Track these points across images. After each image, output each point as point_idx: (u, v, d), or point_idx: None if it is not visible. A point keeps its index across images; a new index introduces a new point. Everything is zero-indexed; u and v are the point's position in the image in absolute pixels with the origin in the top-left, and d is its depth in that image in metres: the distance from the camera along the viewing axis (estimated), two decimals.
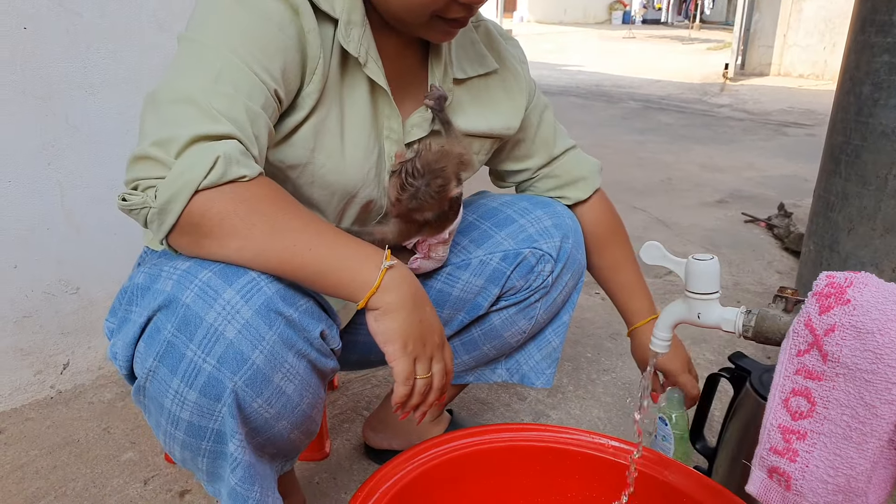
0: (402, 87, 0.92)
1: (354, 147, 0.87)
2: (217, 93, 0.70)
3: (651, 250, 0.73)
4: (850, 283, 0.65)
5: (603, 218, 1.17)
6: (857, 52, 1.40)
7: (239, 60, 0.72)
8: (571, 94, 7.41)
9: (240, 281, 0.70)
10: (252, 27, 0.74)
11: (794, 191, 3.42)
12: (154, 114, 0.71)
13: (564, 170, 1.14)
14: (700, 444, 1.20)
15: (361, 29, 0.83)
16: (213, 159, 0.66)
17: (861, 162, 1.38)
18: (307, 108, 0.81)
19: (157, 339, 0.70)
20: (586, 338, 1.84)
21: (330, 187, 0.87)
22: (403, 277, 0.75)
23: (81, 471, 1.25)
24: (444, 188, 0.86)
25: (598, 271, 1.19)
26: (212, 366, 0.69)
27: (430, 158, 0.85)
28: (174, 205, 0.67)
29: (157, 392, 0.73)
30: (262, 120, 0.74)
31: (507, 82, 1.04)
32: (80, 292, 1.49)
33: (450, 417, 1.31)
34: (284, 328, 0.72)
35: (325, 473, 1.26)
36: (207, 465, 0.77)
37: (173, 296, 0.70)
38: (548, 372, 1.20)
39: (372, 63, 0.84)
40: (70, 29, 1.36)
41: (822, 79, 8.46)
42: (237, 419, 0.72)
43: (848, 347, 0.63)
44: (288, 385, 0.74)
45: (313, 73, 0.80)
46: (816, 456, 0.65)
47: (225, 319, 0.69)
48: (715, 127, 5.51)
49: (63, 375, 1.51)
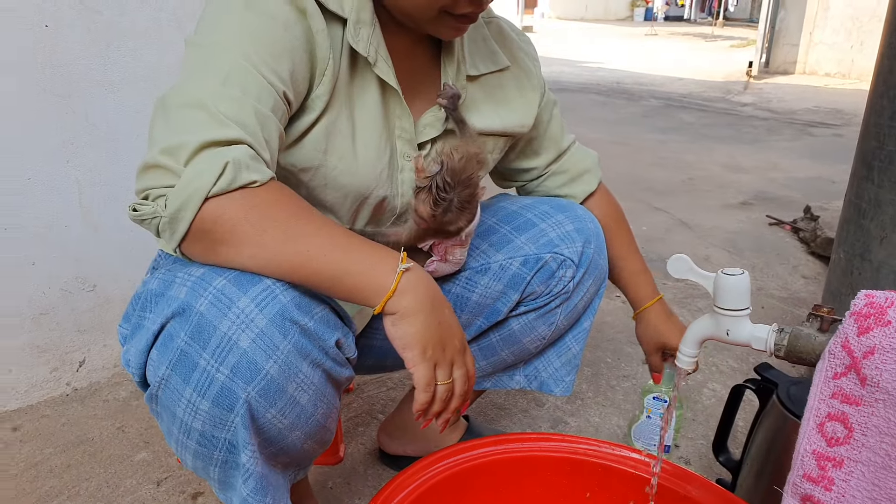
0: (413, 85, 0.90)
1: (366, 148, 0.85)
2: (225, 96, 0.69)
3: (678, 263, 0.70)
4: (891, 304, 0.62)
5: (608, 210, 1.17)
6: (892, 56, 1.35)
7: (247, 63, 0.71)
8: (592, 91, 7.34)
9: (255, 289, 0.69)
10: (259, 30, 0.73)
11: (820, 193, 3.34)
12: (163, 119, 0.69)
13: (571, 164, 1.15)
14: (724, 457, 1.17)
15: (371, 28, 0.81)
16: (223, 165, 0.65)
17: (895, 168, 1.34)
18: (318, 110, 0.80)
19: (170, 347, 0.69)
20: (606, 342, 1.81)
21: (343, 189, 0.86)
22: (420, 280, 0.73)
23: (95, 470, 1.25)
24: (473, 195, 0.85)
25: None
26: (225, 375, 0.68)
27: (456, 167, 0.83)
28: (185, 213, 0.66)
29: (170, 401, 0.71)
30: (273, 123, 0.72)
31: (519, 80, 1.02)
32: (97, 290, 1.49)
33: (466, 424, 1.29)
34: (299, 337, 0.70)
35: (339, 478, 1.25)
36: (219, 474, 0.76)
37: (187, 303, 0.69)
38: (567, 379, 1.18)
39: (382, 62, 0.83)
40: (91, 27, 1.35)
41: (848, 77, 8.30)
42: (250, 430, 0.70)
43: (889, 372, 0.60)
44: (302, 395, 0.73)
45: (323, 75, 0.79)
46: (853, 485, 0.61)
47: (239, 328, 0.67)
48: (738, 126, 5.42)
49: (79, 373, 1.51)
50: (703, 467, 1.32)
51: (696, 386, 1.61)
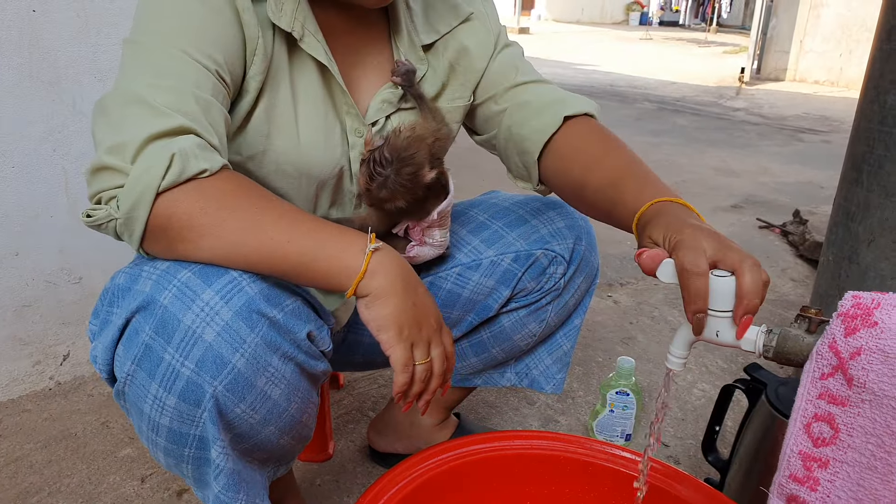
0: (361, 60, 0.89)
1: (310, 127, 0.83)
2: (162, 87, 0.68)
3: (668, 268, 0.69)
4: (877, 305, 0.62)
5: (590, 139, 0.91)
6: (883, 60, 1.36)
7: (179, 51, 0.70)
8: (586, 93, 7.27)
9: (220, 281, 0.68)
10: (188, 16, 0.72)
11: (809, 198, 3.36)
12: (104, 120, 0.68)
13: (533, 96, 0.95)
14: (713, 457, 1.17)
15: (295, 2, 0.79)
16: (169, 157, 0.64)
17: (884, 172, 1.35)
18: (254, 91, 0.78)
19: (135, 342, 0.68)
20: (597, 342, 1.81)
21: (293, 172, 0.84)
22: (391, 260, 0.71)
23: (77, 466, 1.23)
24: (415, 175, 0.82)
25: (595, 194, 0.86)
26: (190, 370, 0.67)
27: (399, 145, 0.81)
28: (138, 211, 0.65)
29: (137, 397, 0.70)
30: (215, 107, 0.71)
31: (475, 29, 0.97)
32: (83, 282, 1.47)
33: (457, 422, 1.28)
34: (268, 330, 0.69)
35: (328, 475, 1.24)
36: (193, 471, 0.75)
37: (151, 297, 0.67)
38: (558, 377, 1.17)
39: (309, 37, 0.80)
40: (80, 13, 1.33)
41: (837, 85, 8.38)
42: (218, 425, 0.69)
43: (875, 372, 0.60)
44: (273, 389, 0.71)
45: (254, 55, 0.77)
46: (839, 486, 0.61)
47: (203, 321, 0.66)
48: (730, 130, 5.44)
49: (63, 367, 1.49)
50: (692, 466, 1.32)
51: (686, 386, 1.61)
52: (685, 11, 19.43)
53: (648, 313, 1.97)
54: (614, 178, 0.84)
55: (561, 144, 0.92)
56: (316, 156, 0.84)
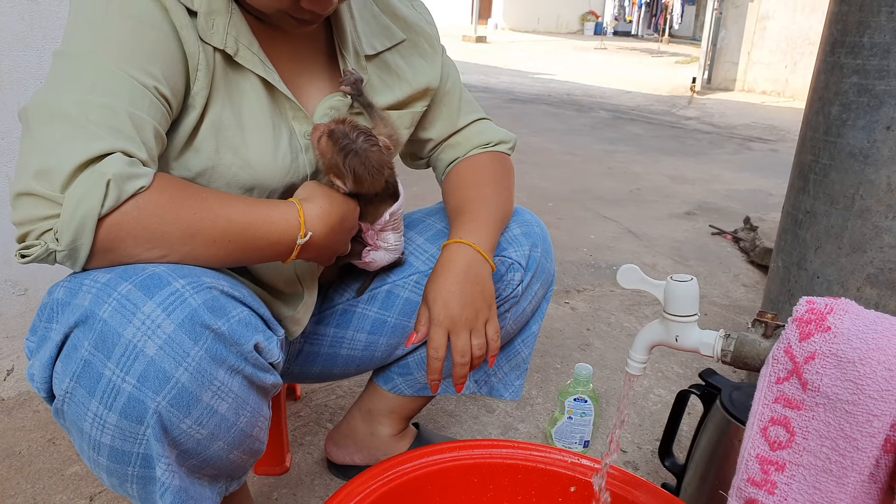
0: (308, 68, 0.90)
1: (258, 136, 0.82)
2: (93, 104, 0.66)
3: (628, 273, 0.71)
4: (830, 310, 0.64)
5: (475, 171, 1.07)
6: (827, 72, 1.41)
7: (114, 67, 0.68)
8: (543, 101, 7.44)
9: (161, 293, 0.66)
10: (124, 31, 0.70)
11: (759, 205, 3.47)
12: (29, 137, 0.66)
13: (466, 138, 1.09)
14: (669, 462, 1.19)
15: (227, 17, 0.78)
16: (105, 184, 0.63)
17: (829, 181, 1.39)
18: (199, 107, 0.77)
19: (74, 358, 0.65)
20: (555, 348, 1.82)
21: (245, 184, 0.83)
22: (324, 204, 0.80)
23: (21, 486, 1.18)
24: (380, 150, 0.84)
25: (449, 213, 1.05)
26: (132, 385, 0.64)
27: (355, 122, 0.84)
28: (81, 240, 0.64)
29: (76, 415, 0.67)
30: (149, 126, 0.70)
31: (419, 47, 1.01)
32: (29, 294, 1.42)
33: (416, 431, 1.27)
34: (212, 342, 0.67)
35: (285, 489, 1.21)
36: (138, 490, 0.72)
37: (90, 311, 0.65)
38: (517, 384, 1.18)
39: (244, 50, 0.80)
40: (25, 15, 1.28)
41: (783, 96, 8.69)
42: (163, 442, 0.67)
43: (828, 376, 0.61)
44: (220, 404, 0.69)
45: (196, 70, 0.76)
46: (795, 489, 0.63)
47: (145, 335, 0.64)
48: (683, 139, 5.58)
49: (6, 382, 1.43)
50: (649, 472, 1.34)
51: (643, 391, 1.63)
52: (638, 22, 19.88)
53: (605, 319, 2.00)
54: (459, 208, 1.02)
55: (459, 165, 1.08)
56: (267, 164, 0.83)
